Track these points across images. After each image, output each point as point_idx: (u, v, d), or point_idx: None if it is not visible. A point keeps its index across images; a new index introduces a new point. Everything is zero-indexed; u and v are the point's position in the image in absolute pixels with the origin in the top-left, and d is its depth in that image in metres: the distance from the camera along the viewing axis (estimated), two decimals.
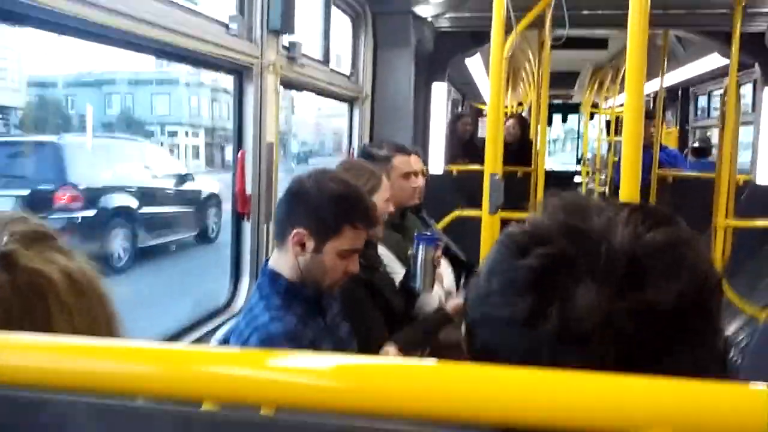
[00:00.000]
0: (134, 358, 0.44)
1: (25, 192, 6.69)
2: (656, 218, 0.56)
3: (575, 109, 10.17)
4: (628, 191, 1.12)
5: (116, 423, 0.44)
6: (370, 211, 1.55)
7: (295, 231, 1.47)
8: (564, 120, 11.99)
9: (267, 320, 1.43)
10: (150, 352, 0.44)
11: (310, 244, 1.47)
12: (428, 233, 2.17)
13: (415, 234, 2.10)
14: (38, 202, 6.71)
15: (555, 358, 0.48)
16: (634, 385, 0.38)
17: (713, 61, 5.00)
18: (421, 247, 2.01)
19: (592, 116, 8.72)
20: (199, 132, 29.31)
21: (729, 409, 0.37)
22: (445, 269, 2.39)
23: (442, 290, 2.30)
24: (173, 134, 28.86)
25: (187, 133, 29.17)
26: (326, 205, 1.47)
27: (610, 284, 0.51)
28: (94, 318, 0.75)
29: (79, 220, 6.89)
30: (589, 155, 7.67)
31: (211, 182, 9.78)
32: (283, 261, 1.51)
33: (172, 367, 0.43)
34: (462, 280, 2.61)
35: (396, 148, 2.45)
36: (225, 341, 1.74)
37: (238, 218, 2.31)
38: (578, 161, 9.47)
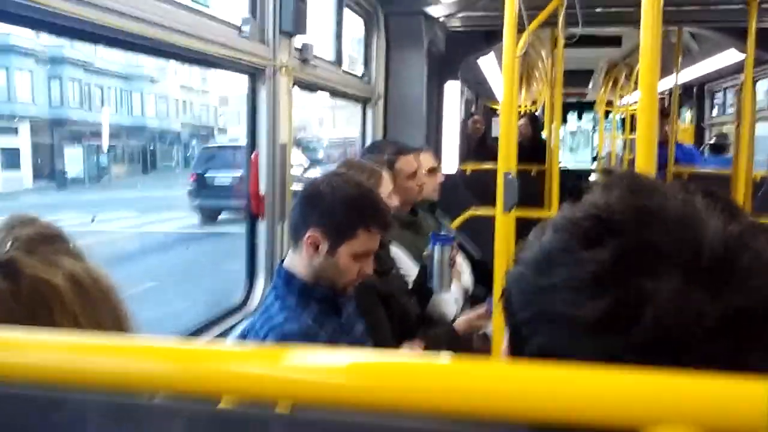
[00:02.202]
0: (150, 356, 0.44)
1: None
2: (730, 206, 0.50)
3: (590, 107, 10.11)
4: None
5: (132, 421, 0.44)
6: (384, 214, 1.55)
7: (309, 233, 1.48)
8: (579, 117, 11.92)
9: (282, 320, 1.44)
10: (166, 349, 0.45)
11: (324, 246, 1.48)
12: (444, 233, 2.18)
13: (431, 234, 2.10)
14: None
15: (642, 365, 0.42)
16: (648, 379, 0.38)
17: (729, 57, 4.95)
18: (437, 247, 2.02)
19: (607, 114, 8.66)
20: (18, 126, 17.98)
21: (747, 405, 0.36)
22: (463, 266, 2.39)
23: (460, 290, 2.30)
24: None
25: None
26: (340, 207, 1.48)
27: (699, 281, 0.46)
28: (101, 323, 0.73)
29: None
30: (603, 153, 7.63)
31: None
32: (297, 262, 1.51)
33: (189, 364, 0.43)
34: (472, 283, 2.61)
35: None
36: (241, 340, 1.75)
37: (252, 219, 2.32)
38: (593, 159, 9.42)
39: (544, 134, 5.15)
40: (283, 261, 1.58)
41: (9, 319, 0.68)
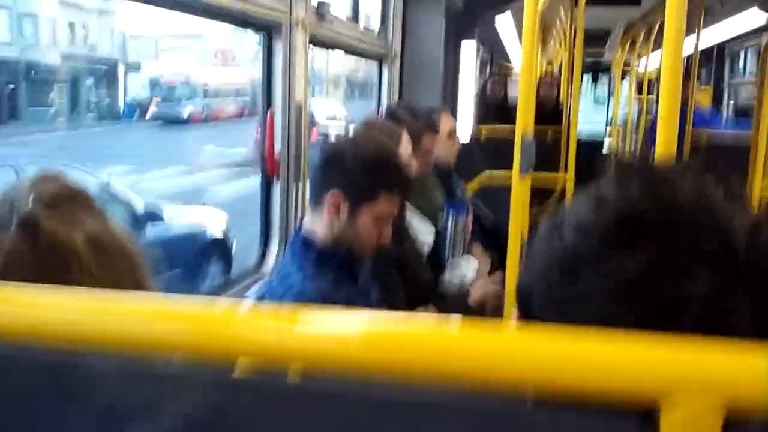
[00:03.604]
0: (164, 318, 0.44)
1: None
2: (740, 193, 0.50)
3: (606, 68, 9.91)
4: (665, 151, 1.09)
5: (147, 386, 0.44)
6: (406, 177, 1.54)
7: (330, 194, 1.47)
8: (594, 80, 11.69)
9: (300, 279, 1.45)
10: (180, 311, 0.44)
11: (345, 208, 1.47)
12: (458, 201, 2.19)
13: (446, 204, 2.11)
14: None
15: None
16: (664, 349, 0.37)
17: (751, 16, 4.80)
18: (450, 215, 2.04)
19: (623, 76, 8.47)
20: None
21: (765, 376, 0.36)
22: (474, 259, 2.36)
23: (476, 262, 2.29)
24: None
25: None
26: (362, 169, 1.47)
27: (732, 280, 0.46)
28: (119, 283, 0.73)
29: None
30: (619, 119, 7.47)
31: None
32: (317, 224, 1.51)
33: (204, 326, 0.43)
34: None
35: (432, 108, 2.48)
36: (258, 301, 1.77)
37: (267, 180, 2.31)
38: (607, 123, 9.25)
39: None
40: (301, 222, 1.58)
41: (26, 277, 0.68)
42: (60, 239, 0.70)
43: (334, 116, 14.84)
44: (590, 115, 11.77)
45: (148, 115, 23.55)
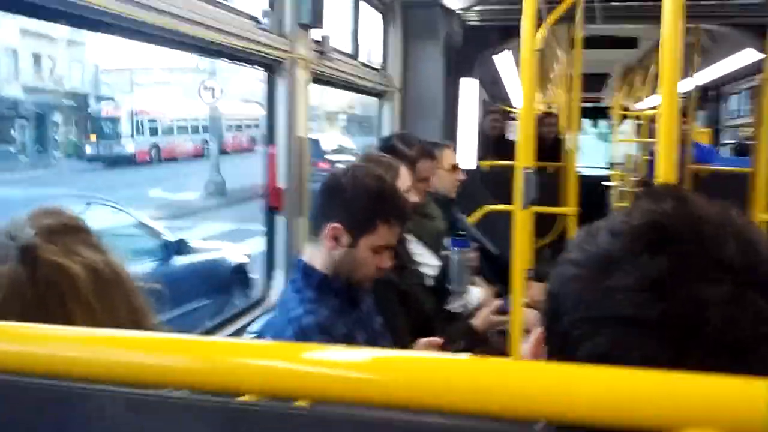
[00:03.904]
0: (172, 350, 0.44)
1: None
2: (743, 214, 0.54)
3: (604, 112, 9.98)
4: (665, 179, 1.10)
5: (153, 414, 0.44)
6: (404, 207, 1.57)
7: (330, 225, 1.48)
8: (594, 125, 11.72)
9: (301, 313, 1.45)
10: (187, 344, 0.45)
11: (345, 239, 1.48)
12: (462, 235, 2.21)
13: (450, 239, 2.13)
14: None
15: (704, 367, 0.45)
16: (675, 381, 0.38)
17: (746, 57, 4.88)
18: (455, 249, 2.06)
19: (623, 119, 8.54)
20: None
21: None
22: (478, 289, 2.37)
23: (480, 293, 2.30)
24: None
25: None
26: (361, 200, 1.49)
27: (752, 286, 0.49)
28: (117, 315, 0.74)
29: None
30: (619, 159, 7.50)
31: None
32: (317, 255, 1.52)
33: (210, 359, 0.44)
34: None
35: (435, 144, 2.52)
36: (259, 335, 1.76)
37: (270, 212, 2.33)
38: (610, 165, 9.25)
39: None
40: (300, 255, 1.59)
41: (23, 303, 0.69)
42: (57, 267, 0.71)
43: (341, 149, 14.97)
44: (592, 153, 11.82)
45: (87, 154, 20.04)
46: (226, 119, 21.02)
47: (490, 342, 1.95)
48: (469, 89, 4.22)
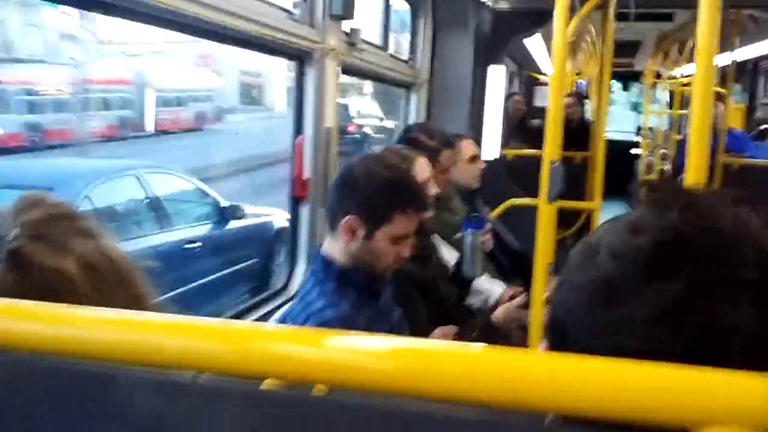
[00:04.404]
0: (196, 335, 0.45)
1: None
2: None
3: (636, 77, 9.67)
4: (695, 178, 1.08)
5: (177, 398, 0.46)
6: (420, 195, 1.54)
7: (345, 218, 1.47)
8: (625, 88, 11.50)
9: (321, 306, 1.45)
10: (212, 329, 0.46)
11: (361, 231, 1.47)
12: (475, 218, 2.17)
13: (463, 220, 2.10)
14: None
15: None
16: (699, 378, 0.37)
17: None
18: (468, 232, 2.03)
19: (653, 86, 8.28)
20: None
21: None
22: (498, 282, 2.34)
23: (498, 288, 2.28)
24: None
25: None
26: (376, 191, 1.47)
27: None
28: (115, 304, 0.72)
29: None
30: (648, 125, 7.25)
31: None
32: (335, 247, 1.52)
33: (236, 344, 0.45)
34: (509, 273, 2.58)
35: (455, 135, 2.49)
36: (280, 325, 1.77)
37: (295, 203, 2.34)
38: (637, 132, 9.00)
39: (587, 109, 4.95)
40: (320, 246, 1.59)
41: None
42: (50, 270, 0.68)
43: (368, 114, 15.31)
44: (623, 124, 11.55)
45: None
46: (159, 90, 16.71)
47: (510, 337, 1.93)
48: (497, 77, 4.17)
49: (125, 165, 5.10)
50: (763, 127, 5.68)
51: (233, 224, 4.84)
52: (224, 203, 4.89)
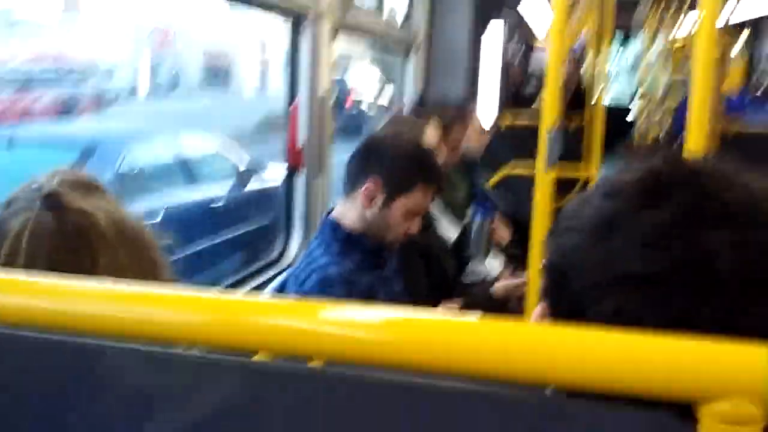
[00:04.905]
0: (188, 307, 0.44)
1: None
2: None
3: (629, 36, 9.53)
4: (695, 144, 1.06)
5: (171, 370, 0.45)
6: (442, 177, 1.61)
7: (368, 182, 1.50)
8: (623, 44, 11.36)
9: (325, 263, 1.48)
10: (204, 300, 0.45)
11: (380, 198, 1.50)
12: (486, 202, 2.21)
13: (475, 203, 2.13)
14: None
15: (719, 314, 0.45)
16: (703, 349, 0.36)
17: None
18: (478, 216, 2.06)
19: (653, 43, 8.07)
20: None
21: None
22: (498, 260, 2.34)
23: (501, 261, 2.28)
24: None
25: None
26: (403, 160, 1.52)
27: (756, 233, 0.48)
28: (140, 261, 0.76)
29: None
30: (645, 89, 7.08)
31: None
32: (349, 211, 1.54)
33: (229, 316, 0.44)
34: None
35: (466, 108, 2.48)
36: (282, 286, 1.78)
37: (290, 171, 2.32)
38: (632, 98, 8.83)
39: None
40: (330, 211, 1.60)
41: (52, 250, 0.71)
42: (85, 214, 0.73)
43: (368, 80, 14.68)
44: (623, 84, 11.40)
45: None
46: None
47: (508, 308, 1.94)
48: (495, 33, 4.08)
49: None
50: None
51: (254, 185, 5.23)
52: (241, 167, 5.29)
